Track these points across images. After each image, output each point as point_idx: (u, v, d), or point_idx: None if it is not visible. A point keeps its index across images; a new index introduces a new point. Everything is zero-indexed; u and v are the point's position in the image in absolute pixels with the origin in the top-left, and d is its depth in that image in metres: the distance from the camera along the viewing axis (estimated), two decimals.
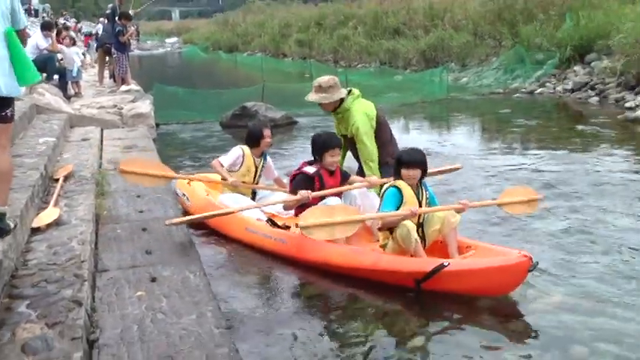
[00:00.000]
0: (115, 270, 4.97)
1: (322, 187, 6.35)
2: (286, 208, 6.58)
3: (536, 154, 10.74)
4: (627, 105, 14.89)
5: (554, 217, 7.27)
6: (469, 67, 23.32)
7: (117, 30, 15.80)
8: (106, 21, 18.94)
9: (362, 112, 6.97)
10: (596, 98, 16.62)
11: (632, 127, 13.02)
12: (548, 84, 19.06)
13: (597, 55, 18.63)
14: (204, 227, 7.02)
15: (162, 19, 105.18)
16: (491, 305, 5.10)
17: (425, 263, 5.32)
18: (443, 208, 5.75)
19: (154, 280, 4.75)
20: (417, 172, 5.64)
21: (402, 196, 5.59)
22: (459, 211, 5.72)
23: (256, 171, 7.38)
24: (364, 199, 6.47)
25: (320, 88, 7.01)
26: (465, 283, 5.14)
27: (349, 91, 7.14)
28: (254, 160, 7.34)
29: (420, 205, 5.65)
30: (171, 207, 6.87)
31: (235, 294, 5.51)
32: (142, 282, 4.71)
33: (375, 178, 6.55)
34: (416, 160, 5.66)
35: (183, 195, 7.69)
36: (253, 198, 7.42)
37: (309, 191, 6.25)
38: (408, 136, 13.03)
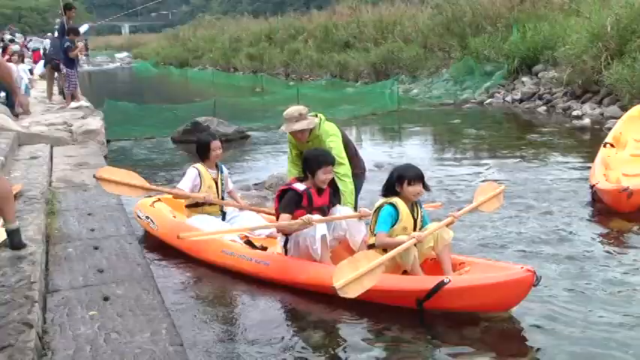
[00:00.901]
0: (67, 290, 4.87)
1: (310, 206, 6.00)
2: (282, 232, 6.10)
3: (487, 164, 10.88)
4: (574, 114, 15.24)
5: (505, 225, 7.36)
6: (419, 79, 23.54)
7: (65, 45, 15.55)
8: (55, 36, 18.68)
9: (334, 134, 6.96)
10: (544, 108, 16.94)
11: (579, 135, 13.29)
12: (497, 94, 19.35)
13: (544, 65, 18.99)
14: (167, 249, 6.89)
15: (112, 34, 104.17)
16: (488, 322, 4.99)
17: (425, 281, 5.16)
18: (439, 226, 5.54)
19: (106, 299, 4.67)
20: (420, 187, 5.52)
21: (397, 214, 5.46)
22: (449, 224, 5.62)
23: (217, 185, 7.20)
24: (350, 222, 6.18)
25: (300, 116, 6.82)
26: (468, 299, 4.97)
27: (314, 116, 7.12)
28: (210, 174, 7.17)
29: (415, 223, 5.55)
30: (124, 224, 6.77)
31: (191, 311, 5.46)
32: (95, 301, 4.63)
33: (366, 210, 6.18)
34: (419, 174, 5.53)
35: (147, 218, 7.35)
36: (223, 218, 7.18)
37: (312, 216, 5.82)
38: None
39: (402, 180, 5.49)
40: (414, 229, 5.52)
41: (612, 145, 9.49)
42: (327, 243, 5.85)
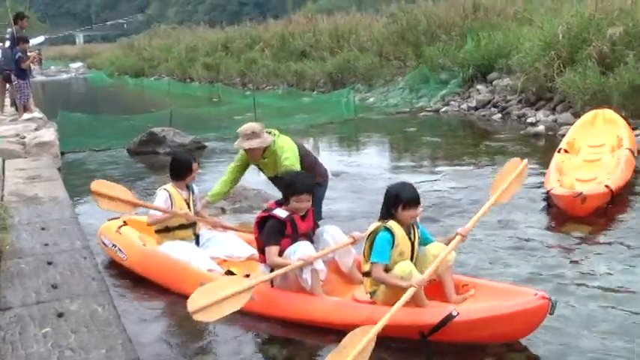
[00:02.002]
0: (19, 307, 4.75)
1: (295, 234, 5.53)
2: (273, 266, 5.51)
3: (443, 171, 10.95)
4: (529, 120, 15.41)
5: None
6: (375, 88, 23.62)
7: (17, 56, 15.27)
8: (6, 46, 18.35)
9: (289, 149, 6.96)
10: (499, 115, 17.11)
11: (533, 142, 13.44)
12: (452, 102, 19.49)
13: (498, 73, 19.18)
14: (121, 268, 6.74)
15: (66, 43, 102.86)
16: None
17: (431, 313, 4.77)
18: (444, 256, 5.03)
19: (60, 315, 4.56)
20: (418, 211, 5.13)
21: (394, 239, 5.01)
22: (457, 244, 5.24)
23: (189, 207, 6.67)
24: (338, 244, 5.68)
25: (254, 134, 6.82)
26: (477, 332, 4.63)
27: (268, 132, 7.11)
28: (182, 195, 6.65)
29: (412, 246, 5.11)
30: (79, 238, 6.63)
31: (149, 327, 5.40)
32: (48, 318, 4.52)
33: (358, 233, 5.63)
34: (416, 197, 5.12)
35: (114, 246, 6.85)
36: (197, 243, 6.70)
37: (310, 254, 5.34)
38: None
39: (397, 203, 5.07)
40: (412, 253, 5.12)
41: (566, 151, 9.65)
42: (318, 273, 5.39)
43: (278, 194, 7.11)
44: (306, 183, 5.67)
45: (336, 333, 4.73)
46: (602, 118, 10.59)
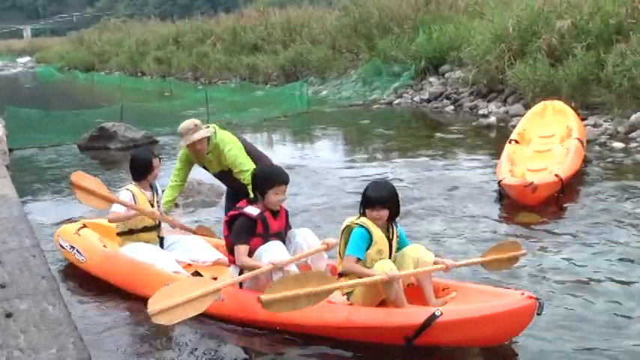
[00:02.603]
0: None
1: (266, 232, 5.26)
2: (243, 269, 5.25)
3: (397, 163, 11.01)
4: (480, 112, 15.57)
5: (415, 224, 7.46)
6: (328, 80, 23.61)
7: None
8: None
9: (230, 140, 6.88)
10: (452, 107, 17.25)
11: (485, 133, 13.59)
12: (405, 95, 19.58)
13: (450, 66, 19.31)
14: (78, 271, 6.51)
15: (13, 37, 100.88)
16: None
17: (413, 314, 4.53)
18: (422, 271, 4.85)
19: (9, 315, 4.45)
20: (384, 214, 4.87)
21: (371, 237, 4.83)
22: (438, 270, 4.97)
23: (153, 207, 6.36)
24: (311, 247, 5.43)
25: (196, 127, 6.62)
26: (463, 333, 4.43)
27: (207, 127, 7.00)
28: (146, 196, 6.32)
29: (390, 245, 4.93)
30: (27, 236, 6.50)
31: (102, 325, 5.31)
32: None
33: (331, 240, 5.37)
34: (383, 198, 4.88)
35: (72, 248, 6.52)
36: (161, 245, 6.40)
37: (281, 260, 5.08)
38: (272, 151, 13.03)
39: (365, 203, 4.92)
40: (390, 251, 4.93)
41: (517, 142, 9.77)
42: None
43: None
44: (282, 174, 5.39)
45: (310, 337, 4.61)
46: (551, 109, 10.75)
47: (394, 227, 5.00)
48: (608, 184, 8.69)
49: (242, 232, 5.23)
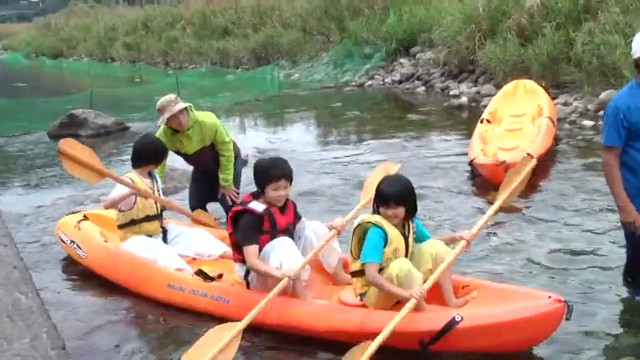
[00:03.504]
0: None
1: (274, 228, 4.90)
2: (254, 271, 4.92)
3: (370, 144, 11.02)
4: (452, 93, 15.64)
5: None
6: (300, 64, 23.54)
7: None
8: None
9: (208, 113, 6.88)
10: (423, 88, 17.29)
11: (457, 113, 13.65)
12: (377, 76, 19.58)
13: (421, 47, 19.33)
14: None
15: None
16: None
17: (431, 319, 4.19)
18: (445, 266, 4.41)
19: None
20: (400, 212, 4.46)
21: (386, 236, 4.43)
22: (461, 251, 4.62)
23: None
24: (321, 242, 5.03)
25: (176, 99, 6.55)
26: (484, 339, 4.08)
27: None
28: (146, 184, 5.98)
29: (407, 243, 4.52)
30: None
31: (76, 314, 5.27)
32: None
33: (339, 220, 5.14)
34: (399, 194, 4.47)
35: (72, 242, 6.17)
36: (164, 239, 6.06)
37: (291, 269, 4.67)
38: (245, 136, 13.01)
39: (379, 200, 4.52)
40: (406, 250, 4.53)
41: (489, 121, 9.80)
42: (300, 275, 4.84)
43: None
44: (281, 167, 4.98)
45: (321, 342, 4.26)
46: (522, 88, 10.79)
47: (410, 223, 4.60)
48: (578, 162, 8.78)
49: (250, 231, 4.86)
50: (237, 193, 6.96)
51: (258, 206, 4.87)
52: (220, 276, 5.32)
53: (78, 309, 5.37)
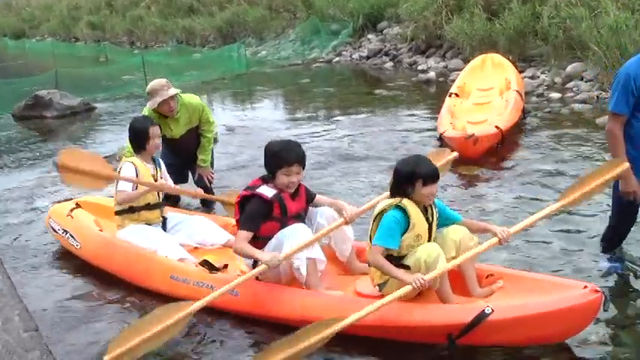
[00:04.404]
0: None
1: (284, 215, 4.54)
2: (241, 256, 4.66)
3: (338, 120, 10.99)
4: (420, 68, 15.67)
5: (355, 178, 7.51)
6: (266, 41, 23.42)
7: None
8: None
9: (194, 96, 6.83)
10: (391, 63, 17.29)
11: (425, 88, 13.66)
12: (344, 52, 19.55)
13: (388, 23, 19.32)
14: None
15: None
16: None
17: (459, 311, 3.93)
18: (468, 258, 4.13)
19: None
20: (435, 190, 4.18)
21: (408, 220, 4.12)
22: (494, 245, 4.17)
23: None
24: (329, 229, 4.69)
25: (167, 83, 6.42)
26: (515, 333, 3.83)
27: None
28: (149, 169, 5.61)
29: (430, 227, 4.23)
30: None
31: (51, 296, 5.21)
32: None
33: (349, 209, 4.67)
34: (436, 171, 4.21)
35: (65, 232, 5.84)
36: (164, 227, 5.69)
37: (278, 256, 4.35)
38: (213, 114, 12.84)
39: (413, 180, 4.14)
40: (429, 235, 4.23)
41: (457, 95, 9.83)
42: (315, 263, 4.50)
43: None
44: (294, 151, 4.59)
45: (339, 336, 3.89)
46: (490, 62, 10.82)
47: (433, 207, 4.30)
48: (546, 134, 8.83)
49: (254, 217, 4.52)
50: (213, 174, 6.91)
51: (267, 191, 4.50)
52: (226, 266, 5.07)
53: (50, 292, 5.29)
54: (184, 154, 6.85)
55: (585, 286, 3.75)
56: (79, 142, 11.05)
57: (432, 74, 14.45)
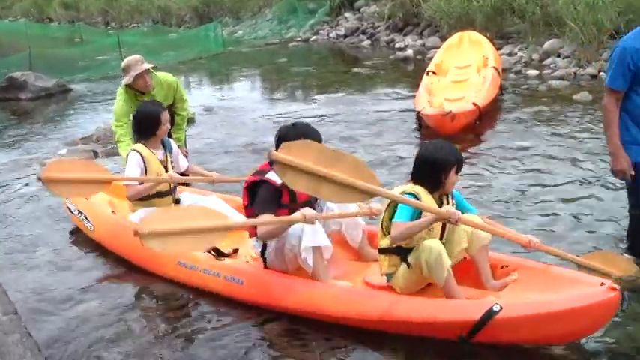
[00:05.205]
0: None
1: (293, 202, 4.38)
2: (264, 237, 4.39)
3: (317, 99, 10.97)
4: (397, 46, 15.63)
5: None
6: (243, 20, 23.25)
7: None
8: None
9: (168, 74, 6.78)
10: (369, 42, 17.24)
11: (403, 66, 13.66)
12: (321, 31, 19.46)
13: (365, 1, 19.24)
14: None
15: None
16: None
17: (468, 307, 3.77)
18: (503, 232, 4.05)
19: None
20: (458, 178, 4.08)
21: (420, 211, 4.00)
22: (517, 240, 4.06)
23: (167, 170, 5.44)
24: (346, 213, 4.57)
25: (142, 60, 6.35)
26: (528, 332, 3.63)
27: None
28: (157, 156, 5.41)
29: (444, 223, 4.06)
30: None
31: (30, 278, 5.20)
32: None
33: (377, 205, 4.44)
34: (460, 158, 4.08)
35: (80, 213, 5.75)
36: None
37: (309, 211, 4.18)
38: (190, 94, 12.80)
39: (447, 168, 3.97)
40: (442, 230, 4.09)
41: (435, 73, 9.83)
42: (321, 252, 4.33)
43: None
44: (307, 135, 4.38)
45: (345, 329, 3.90)
46: (467, 39, 10.82)
47: (451, 198, 4.15)
48: (523, 110, 8.87)
49: (267, 203, 4.32)
50: (187, 153, 6.86)
51: (276, 177, 4.15)
52: (235, 251, 4.98)
53: (29, 274, 5.26)
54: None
55: (602, 283, 3.54)
56: (55, 123, 10.94)
57: (409, 52, 14.42)
